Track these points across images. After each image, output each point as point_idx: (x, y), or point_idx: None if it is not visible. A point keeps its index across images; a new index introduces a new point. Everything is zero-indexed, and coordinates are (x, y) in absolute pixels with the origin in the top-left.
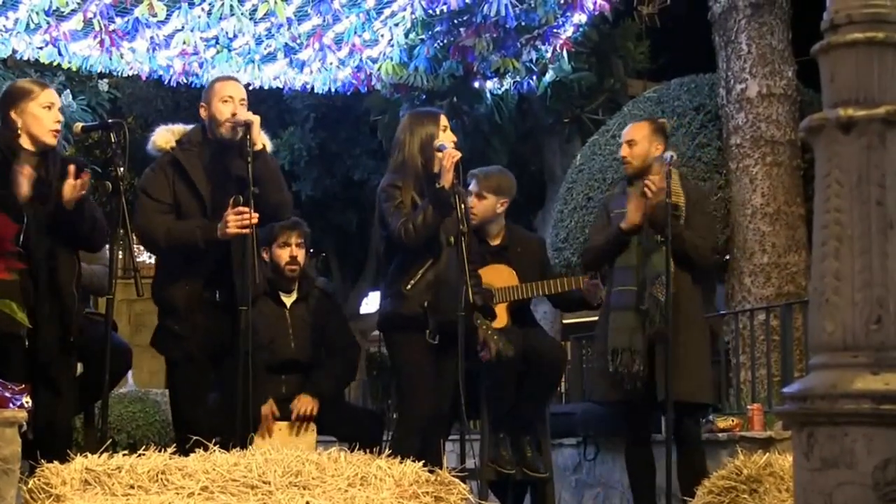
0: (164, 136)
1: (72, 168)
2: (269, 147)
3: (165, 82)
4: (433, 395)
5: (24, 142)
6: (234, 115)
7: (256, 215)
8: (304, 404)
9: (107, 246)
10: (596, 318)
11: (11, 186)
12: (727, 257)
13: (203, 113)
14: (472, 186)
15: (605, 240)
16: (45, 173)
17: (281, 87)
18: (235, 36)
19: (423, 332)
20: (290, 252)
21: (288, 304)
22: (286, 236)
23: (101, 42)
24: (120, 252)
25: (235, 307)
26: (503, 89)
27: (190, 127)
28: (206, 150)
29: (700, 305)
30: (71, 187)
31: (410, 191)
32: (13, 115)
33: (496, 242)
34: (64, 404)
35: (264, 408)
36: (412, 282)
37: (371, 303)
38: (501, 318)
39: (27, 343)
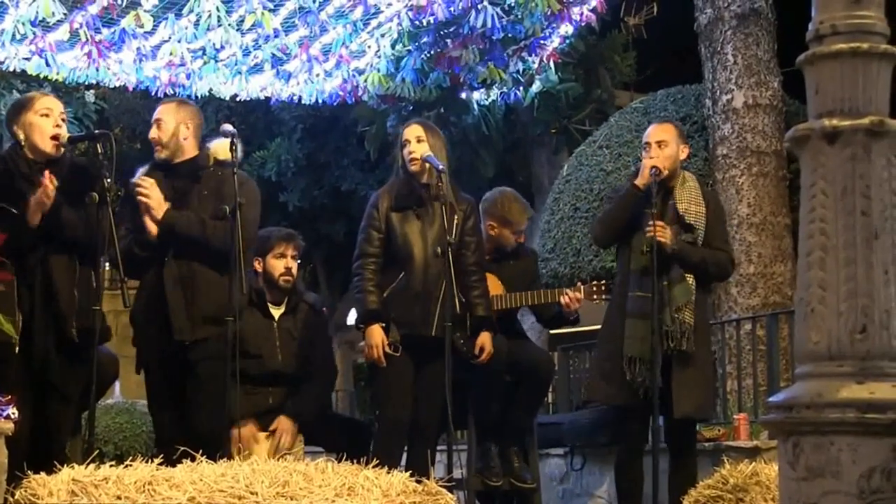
0: (140, 171)
1: (46, 173)
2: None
3: (152, 93)
4: (408, 402)
5: (30, 154)
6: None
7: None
8: (285, 431)
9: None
10: (584, 329)
11: (23, 208)
12: None
13: None
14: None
15: (616, 201)
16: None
17: (268, 98)
18: (222, 47)
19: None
20: (286, 263)
21: (276, 317)
22: (283, 248)
23: (88, 53)
24: (107, 263)
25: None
26: (490, 100)
27: None
28: (160, 176)
29: (709, 321)
30: (42, 191)
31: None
32: (16, 129)
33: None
34: (66, 411)
35: (244, 430)
36: (384, 294)
37: None
38: None
39: (18, 350)
